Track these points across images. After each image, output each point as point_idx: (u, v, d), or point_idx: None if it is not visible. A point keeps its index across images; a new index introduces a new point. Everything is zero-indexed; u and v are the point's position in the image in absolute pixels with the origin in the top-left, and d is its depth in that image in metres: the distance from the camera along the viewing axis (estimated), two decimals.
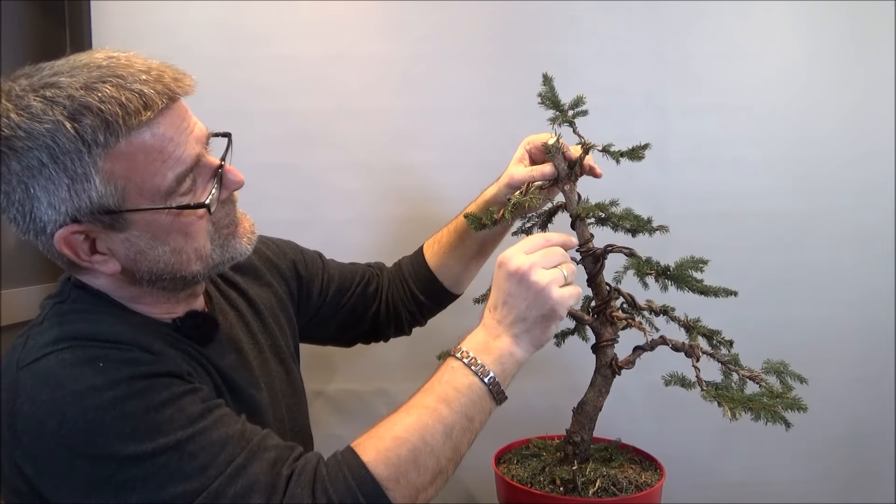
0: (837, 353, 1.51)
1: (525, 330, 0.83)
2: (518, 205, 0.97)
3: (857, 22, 1.45)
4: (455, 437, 0.78)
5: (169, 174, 0.74)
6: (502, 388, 0.82)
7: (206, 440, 0.71)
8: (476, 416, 0.80)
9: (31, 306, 1.40)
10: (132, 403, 0.69)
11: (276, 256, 1.09)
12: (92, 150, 0.69)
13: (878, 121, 1.48)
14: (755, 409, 0.84)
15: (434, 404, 0.78)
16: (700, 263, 0.93)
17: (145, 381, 0.71)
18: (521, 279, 0.82)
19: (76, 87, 0.69)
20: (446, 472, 0.78)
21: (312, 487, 0.72)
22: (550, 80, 1.00)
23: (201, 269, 0.81)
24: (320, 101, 1.44)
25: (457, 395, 0.79)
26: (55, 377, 0.69)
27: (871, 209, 1.50)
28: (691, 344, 0.93)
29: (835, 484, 1.53)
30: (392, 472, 0.73)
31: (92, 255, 0.76)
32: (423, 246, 1.21)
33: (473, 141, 1.44)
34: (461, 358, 0.82)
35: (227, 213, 0.83)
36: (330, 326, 1.16)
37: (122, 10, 1.40)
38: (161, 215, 0.75)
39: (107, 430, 0.67)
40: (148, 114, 0.71)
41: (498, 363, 0.82)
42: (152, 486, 0.68)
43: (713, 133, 1.47)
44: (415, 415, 0.78)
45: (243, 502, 0.69)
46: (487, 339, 0.83)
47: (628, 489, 0.92)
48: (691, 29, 1.45)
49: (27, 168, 0.69)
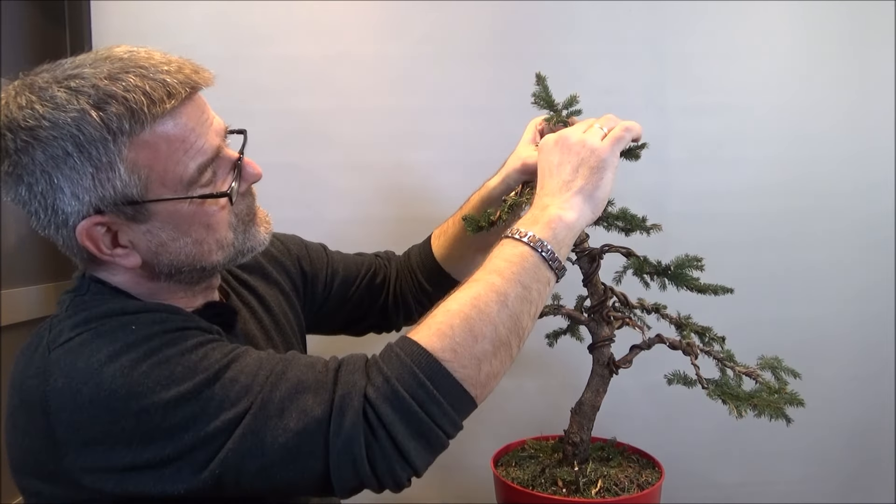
0: (837, 352, 1.51)
1: (576, 192, 0.81)
2: (514, 206, 0.97)
3: (856, 22, 1.45)
4: (511, 305, 0.74)
5: (191, 164, 0.74)
6: (557, 256, 0.78)
7: (242, 364, 0.71)
8: (532, 285, 0.76)
9: (31, 306, 1.41)
10: (166, 351, 0.69)
11: (280, 254, 1.09)
12: (117, 138, 0.70)
13: (877, 120, 1.48)
14: (759, 407, 0.85)
15: (484, 276, 0.76)
16: (696, 261, 0.93)
17: (177, 333, 0.72)
18: (561, 144, 0.83)
19: (100, 77, 0.70)
20: (509, 345, 0.73)
21: (366, 370, 0.70)
22: (544, 79, 1.00)
23: (222, 258, 0.81)
24: (320, 101, 1.44)
25: (508, 265, 0.76)
26: (90, 347, 0.69)
27: (871, 208, 1.50)
28: (689, 342, 0.94)
29: (835, 483, 1.53)
30: (447, 343, 0.70)
31: (114, 249, 0.76)
32: (432, 236, 1.20)
33: (473, 141, 1.45)
34: (509, 234, 0.80)
35: (247, 205, 0.83)
36: (337, 318, 1.16)
37: (122, 10, 1.40)
38: (184, 205, 0.75)
39: (146, 381, 0.67)
40: (172, 102, 0.71)
41: (548, 229, 0.78)
42: (203, 419, 0.67)
43: (713, 133, 1.47)
44: (465, 289, 0.75)
45: (292, 405, 0.68)
46: (535, 213, 0.81)
47: (630, 489, 0.92)
48: (691, 29, 1.45)
49: (52, 158, 0.69)
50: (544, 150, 0.87)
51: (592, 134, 0.85)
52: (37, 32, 1.49)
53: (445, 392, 0.69)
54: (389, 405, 0.67)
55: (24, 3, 1.46)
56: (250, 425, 0.67)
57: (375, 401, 0.67)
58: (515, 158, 1.02)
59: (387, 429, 0.67)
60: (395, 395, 0.67)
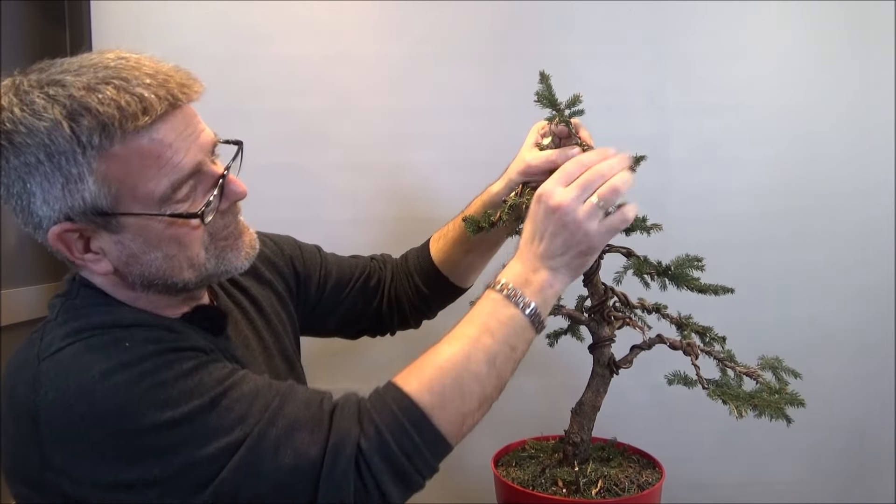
0: (837, 352, 1.51)
1: (564, 264, 0.83)
2: (515, 206, 0.97)
3: (856, 21, 1.45)
4: (499, 366, 0.78)
5: (164, 181, 0.73)
6: (542, 319, 0.82)
7: (238, 393, 0.72)
8: (518, 345, 0.81)
9: (31, 306, 1.41)
10: (162, 374, 0.70)
11: (273, 254, 1.08)
12: (87, 151, 0.69)
13: (877, 120, 1.48)
14: (760, 407, 0.85)
15: (477, 334, 0.79)
16: (696, 261, 0.93)
17: (173, 354, 0.72)
18: (559, 217, 0.81)
19: (78, 86, 0.70)
20: (491, 399, 0.79)
21: (359, 418, 0.73)
22: (548, 78, 0.99)
23: (193, 277, 0.80)
24: (320, 101, 1.44)
25: (499, 326, 0.80)
26: (81, 361, 0.69)
27: (871, 207, 1.50)
28: (689, 342, 0.94)
29: (835, 483, 1.53)
30: (437, 399, 0.74)
31: (85, 254, 0.76)
32: (430, 239, 1.20)
33: (473, 141, 1.45)
34: (501, 291, 0.82)
35: (226, 224, 0.82)
36: (330, 320, 1.16)
37: (122, 10, 1.40)
38: (154, 222, 0.75)
39: (140, 402, 0.68)
40: (146, 119, 0.70)
41: (539, 295, 0.82)
42: (194, 445, 0.68)
43: (713, 133, 1.47)
44: (457, 344, 0.78)
45: (287, 442, 0.70)
46: (526, 272, 0.83)
47: (630, 489, 0.92)
48: (691, 29, 1.45)
49: (24, 164, 0.70)
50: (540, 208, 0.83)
51: (590, 214, 0.81)
52: (37, 32, 1.49)
53: (430, 443, 0.74)
54: (380, 457, 0.72)
55: (24, 3, 1.46)
56: (246, 457, 0.69)
57: (367, 452, 0.72)
58: (519, 161, 1.03)
59: (375, 478, 0.71)
60: (385, 448, 0.72)
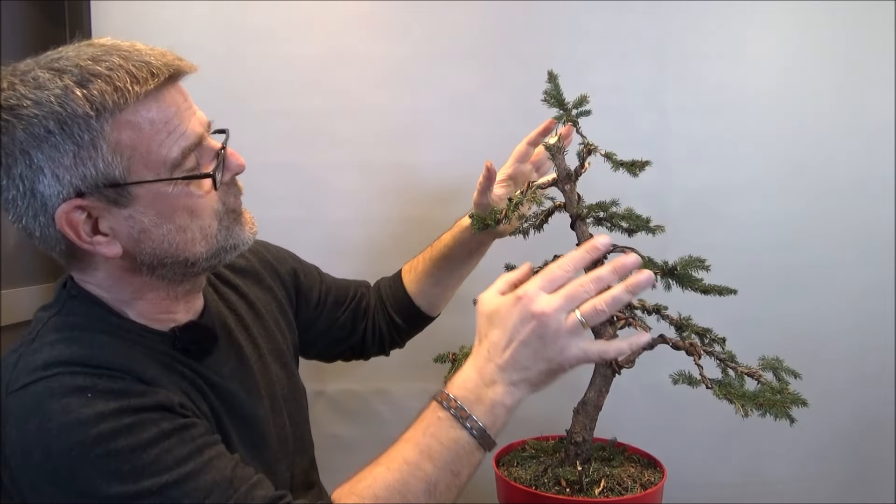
0: (837, 352, 1.50)
1: (524, 378, 0.77)
2: (519, 204, 0.97)
3: (856, 22, 1.45)
4: (439, 494, 0.75)
5: (174, 147, 0.74)
6: (493, 438, 0.77)
7: (191, 486, 0.69)
8: (462, 470, 0.76)
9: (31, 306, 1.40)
10: (118, 441, 0.68)
11: (276, 261, 1.09)
12: (101, 115, 0.69)
13: (877, 120, 1.48)
14: (764, 406, 0.85)
15: (417, 460, 0.75)
16: (700, 262, 0.93)
17: (133, 416, 0.69)
18: (536, 326, 0.75)
19: (83, 58, 0.71)
20: None
21: None
22: (556, 77, 0.99)
23: (205, 251, 0.80)
24: (320, 101, 1.44)
25: (441, 450, 0.75)
26: (42, 407, 0.68)
27: (871, 207, 1.50)
28: (692, 342, 0.94)
29: (835, 483, 1.53)
30: None
31: (94, 236, 0.74)
32: (402, 271, 1.21)
33: (473, 141, 1.44)
34: (448, 408, 0.76)
35: (234, 195, 0.83)
36: (320, 341, 1.15)
37: (122, 10, 1.40)
38: (167, 188, 0.75)
39: (91, 468, 0.67)
40: (155, 81, 0.71)
41: (489, 414, 0.76)
42: None
43: (713, 133, 1.46)
44: (396, 471, 0.75)
45: None
46: (479, 386, 0.77)
47: (633, 488, 0.92)
48: (691, 29, 1.45)
49: (33, 136, 0.69)
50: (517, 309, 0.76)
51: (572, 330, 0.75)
52: (37, 32, 1.49)
53: None
54: None
55: (24, 3, 1.46)
56: None
57: None
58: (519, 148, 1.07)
59: None
60: None
